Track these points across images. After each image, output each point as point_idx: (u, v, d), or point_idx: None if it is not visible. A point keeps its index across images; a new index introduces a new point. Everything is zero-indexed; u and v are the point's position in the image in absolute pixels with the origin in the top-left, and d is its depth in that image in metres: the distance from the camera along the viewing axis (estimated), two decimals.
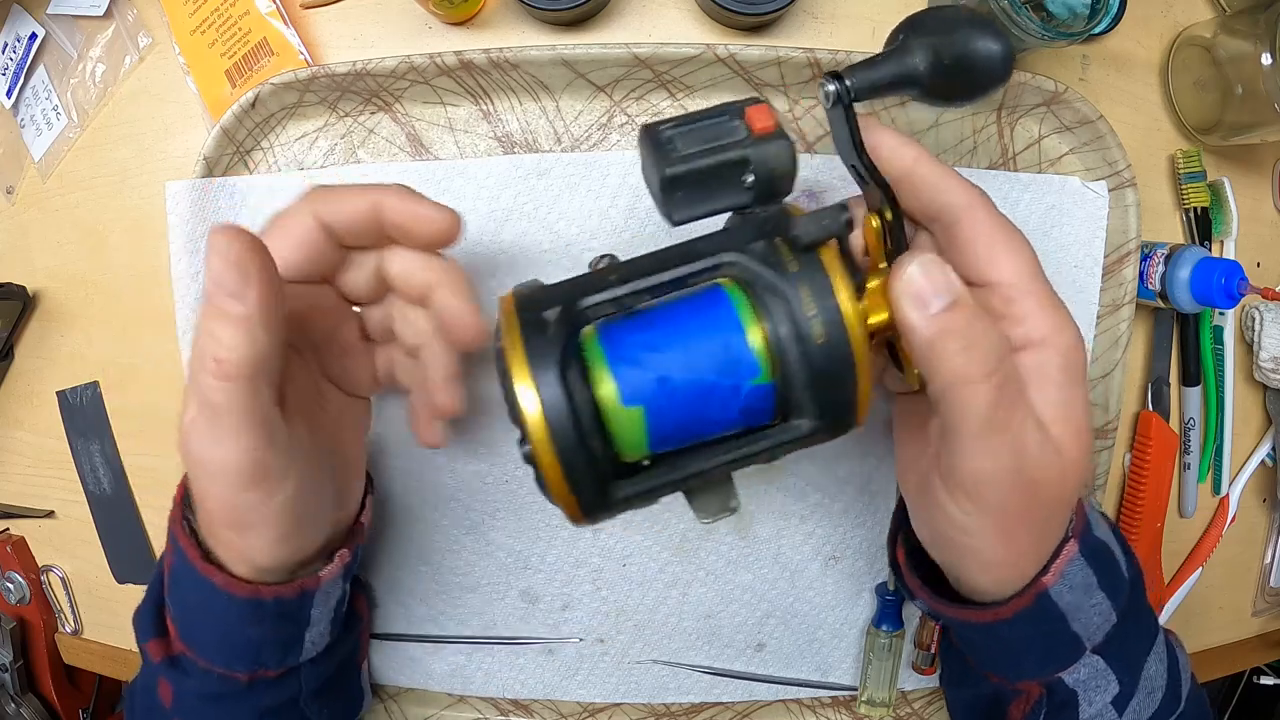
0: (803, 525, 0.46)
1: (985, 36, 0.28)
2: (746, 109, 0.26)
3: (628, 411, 0.24)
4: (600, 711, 0.48)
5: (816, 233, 0.24)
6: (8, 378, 0.52)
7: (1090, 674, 0.31)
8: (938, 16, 0.29)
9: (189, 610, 0.33)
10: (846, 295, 0.24)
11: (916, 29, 0.29)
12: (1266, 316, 0.49)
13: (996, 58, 0.28)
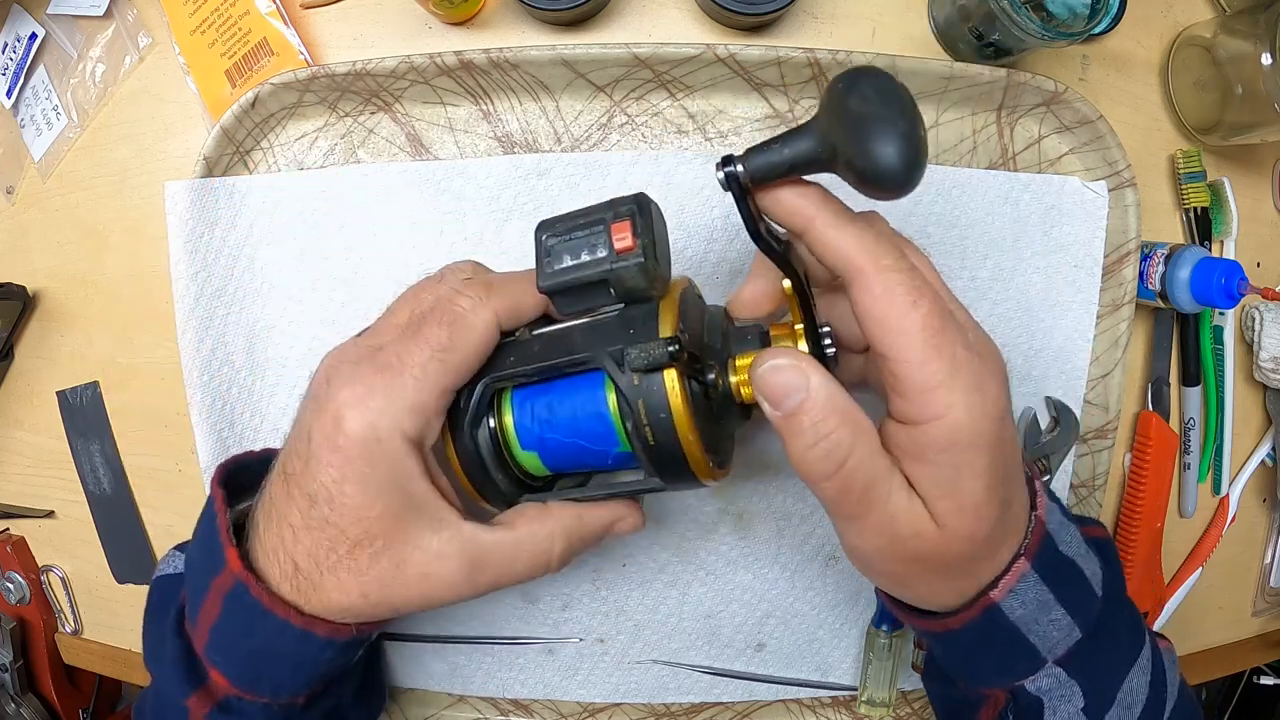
0: (803, 525, 0.46)
1: (888, 140, 0.25)
2: (611, 225, 0.29)
3: (526, 454, 0.32)
4: (600, 711, 0.48)
5: (646, 363, 0.28)
6: (8, 378, 0.52)
7: (1053, 684, 0.31)
8: (861, 95, 0.26)
9: (256, 659, 0.32)
10: (679, 405, 0.28)
11: (833, 107, 0.27)
12: (1266, 316, 0.49)
13: (893, 170, 0.25)
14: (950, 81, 0.42)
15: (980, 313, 0.45)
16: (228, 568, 0.30)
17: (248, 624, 0.31)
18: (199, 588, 0.32)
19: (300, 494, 0.29)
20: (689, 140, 0.44)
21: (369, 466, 0.28)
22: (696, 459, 0.29)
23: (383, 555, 0.30)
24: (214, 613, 0.31)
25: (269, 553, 0.30)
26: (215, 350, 0.45)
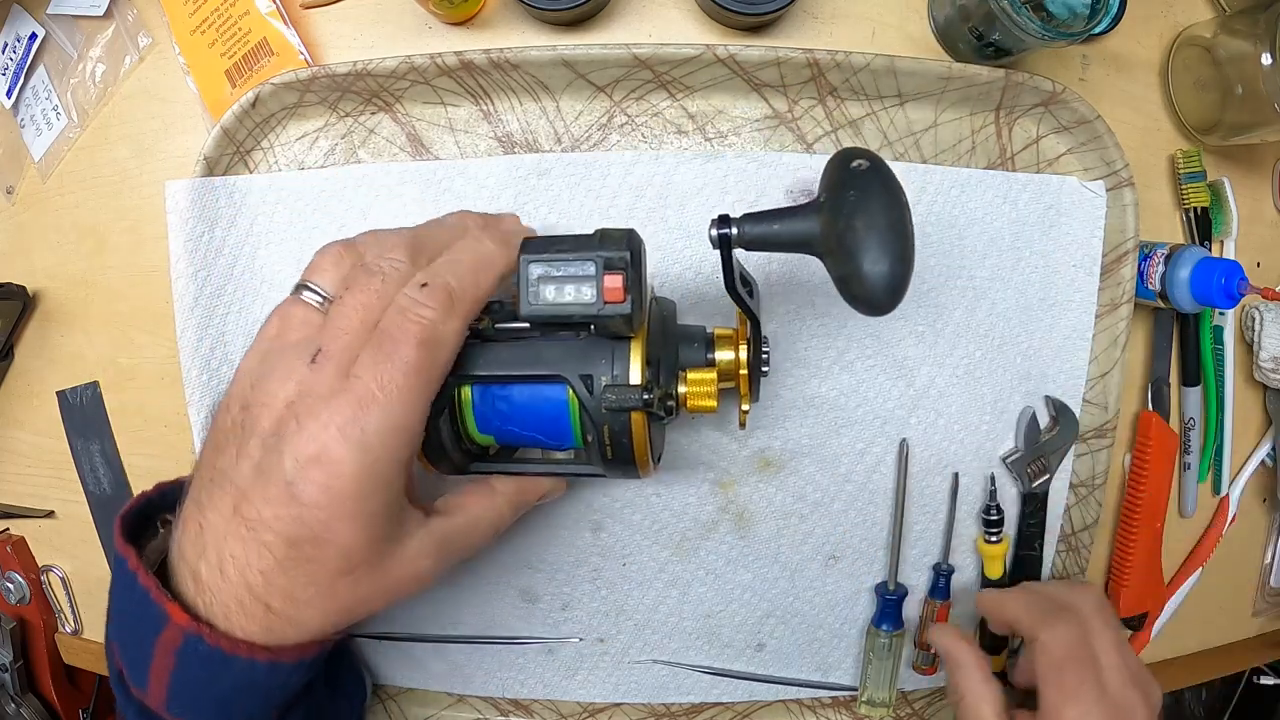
0: (802, 525, 0.46)
1: (879, 275, 0.28)
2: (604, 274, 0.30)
3: (482, 436, 0.35)
4: (600, 712, 0.48)
5: (618, 405, 0.31)
6: (8, 378, 0.52)
7: None
8: (867, 210, 0.29)
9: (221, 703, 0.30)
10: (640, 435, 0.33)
11: (835, 206, 0.29)
12: (1266, 316, 0.49)
13: (876, 302, 0.28)
14: (949, 82, 0.42)
15: (979, 313, 0.45)
16: (172, 623, 0.28)
17: (209, 673, 0.29)
18: (140, 653, 0.30)
19: (275, 539, 0.28)
20: (689, 140, 0.44)
21: (363, 501, 0.28)
22: (644, 464, 0.34)
23: (365, 577, 0.30)
24: (167, 670, 0.29)
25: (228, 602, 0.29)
26: (215, 350, 0.45)
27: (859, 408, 0.45)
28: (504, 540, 0.46)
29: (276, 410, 0.28)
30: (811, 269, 0.44)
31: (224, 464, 0.29)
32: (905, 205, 0.29)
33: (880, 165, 0.30)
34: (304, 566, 0.28)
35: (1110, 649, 0.40)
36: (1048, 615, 0.41)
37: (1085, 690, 0.39)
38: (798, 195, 0.44)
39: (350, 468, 0.27)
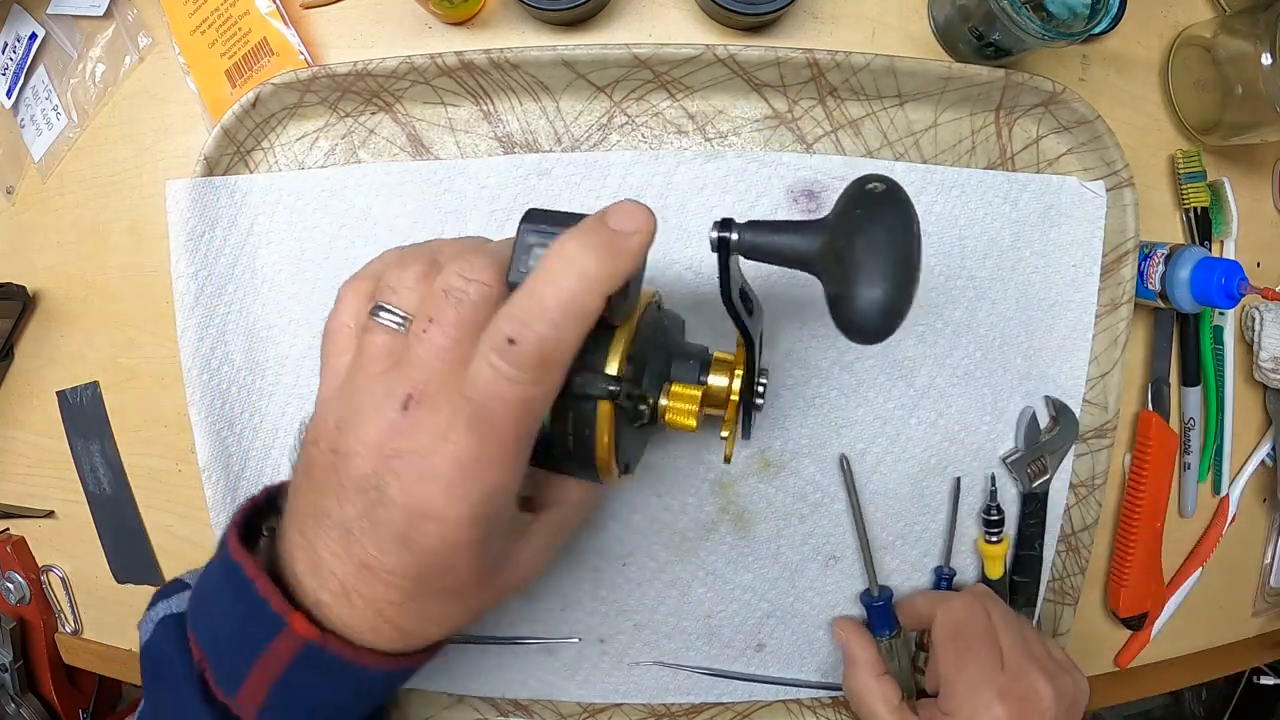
0: (802, 525, 0.46)
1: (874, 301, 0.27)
2: None
3: None
4: (600, 712, 0.48)
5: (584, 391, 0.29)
6: (8, 378, 0.52)
7: None
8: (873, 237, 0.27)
9: (329, 705, 0.30)
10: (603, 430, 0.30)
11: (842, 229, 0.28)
12: (1266, 316, 0.49)
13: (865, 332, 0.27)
14: (949, 82, 0.42)
15: (979, 313, 0.45)
16: (290, 632, 0.28)
17: (324, 679, 0.28)
18: (239, 658, 0.29)
19: (401, 580, 0.27)
20: (689, 140, 0.44)
21: (480, 543, 0.27)
22: (604, 467, 0.32)
23: (490, 584, 0.30)
24: (272, 676, 0.28)
25: (357, 625, 0.28)
26: (215, 350, 0.45)
27: (859, 408, 0.45)
28: None
29: (371, 459, 0.27)
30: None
31: (327, 506, 0.28)
32: (915, 235, 0.27)
33: (896, 190, 0.28)
34: (434, 595, 0.28)
35: (1010, 630, 0.40)
36: (947, 596, 0.43)
37: (979, 660, 0.39)
38: (798, 195, 0.44)
39: (462, 521, 0.26)
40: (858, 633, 0.45)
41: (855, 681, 0.44)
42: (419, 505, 0.26)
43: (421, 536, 0.26)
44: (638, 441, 0.36)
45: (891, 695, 0.42)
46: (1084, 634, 0.51)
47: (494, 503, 0.27)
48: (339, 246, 0.45)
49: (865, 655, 0.44)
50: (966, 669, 0.39)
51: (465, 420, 0.25)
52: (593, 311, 0.26)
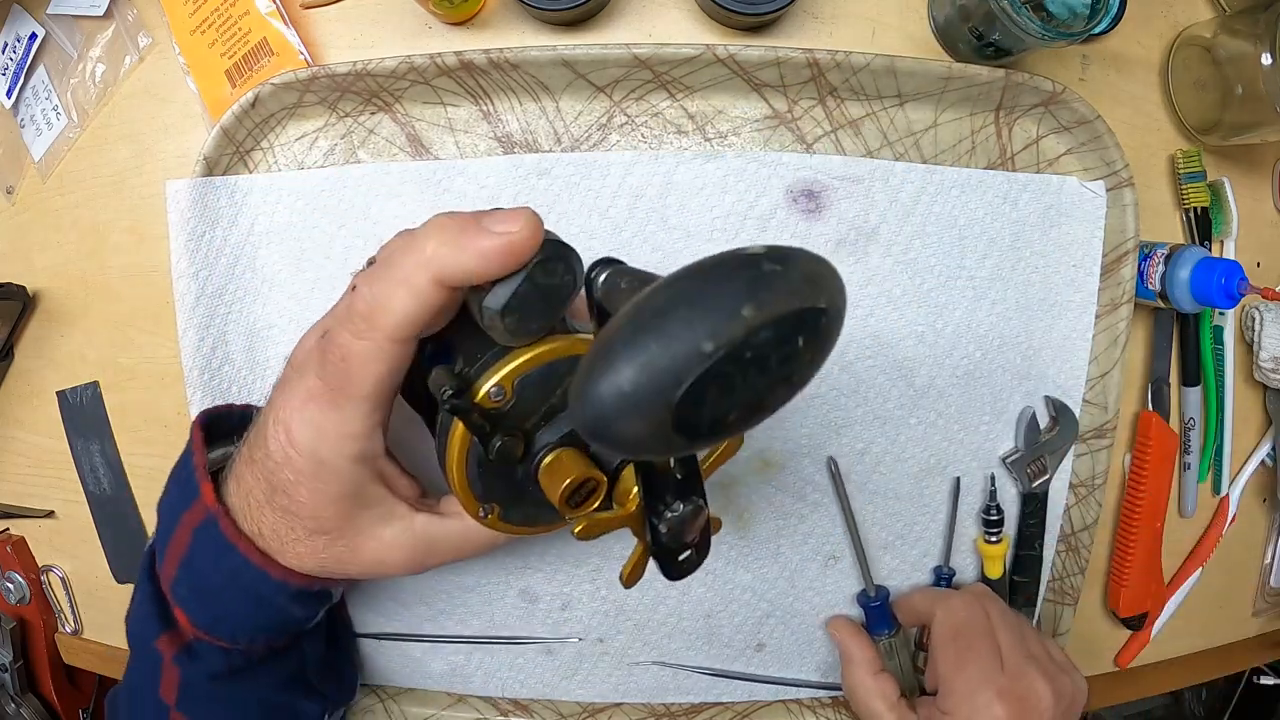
0: (802, 525, 0.46)
1: (613, 362, 0.19)
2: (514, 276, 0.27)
3: None
4: (600, 712, 0.48)
5: (433, 386, 0.28)
6: (8, 378, 0.52)
7: None
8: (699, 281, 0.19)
9: (217, 596, 0.33)
10: (454, 444, 0.29)
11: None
12: (1266, 316, 0.49)
13: (584, 400, 0.19)
14: (949, 82, 0.42)
15: (979, 313, 0.45)
16: (200, 500, 0.33)
17: (213, 557, 0.32)
18: (170, 523, 0.34)
19: (263, 479, 0.31)
20: (689, 140, 0.44)
21: (319, 481, 0.30)
22: (459, 491, 0.30)
23: (337, 542, 0.32)
24: (182, 546, 0.33)
25: (239, 509, 0.33)
26: (215, 350, 0.45)
27: (859, 408, 0.45)
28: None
29: (288, 368, 0.32)
30: None
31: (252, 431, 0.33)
32: (748, 329, 0.18)
33: (792, 278, 0.20)
34: (284, 515, 0.31)
35: (1009, 629, 0.41)
36: (946, 594, 0.43)
37: (978, 660, 0.39)
38: (797, 195, 0.44)
39: (303, 447, 0.30)
40: (853, 632, 0.45)
41: (852, 679, 0.44)
42: (277, 414, 0.30)
43: (270, 439, 0.30)
44: (517, 492, 0.31)
45: (890, 692, 0.42)
46: (1084, 634, 0.51)
47: (327, 441, 0.29)
48: (339, 246, 0.45)
49: (861, 654, 0.44)
50: (966, 668, 0.39)
51: (317, 365, 0.29)
52: (421, 287, 0.27)
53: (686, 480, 0.28)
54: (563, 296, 0.28)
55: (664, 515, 0.28)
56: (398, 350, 0.28)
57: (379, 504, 0.32)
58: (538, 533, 0.33)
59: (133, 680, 0.37)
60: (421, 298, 0.27)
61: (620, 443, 0.20)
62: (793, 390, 0.21)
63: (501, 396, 0.28)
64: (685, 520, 0.28)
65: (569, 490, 0.28)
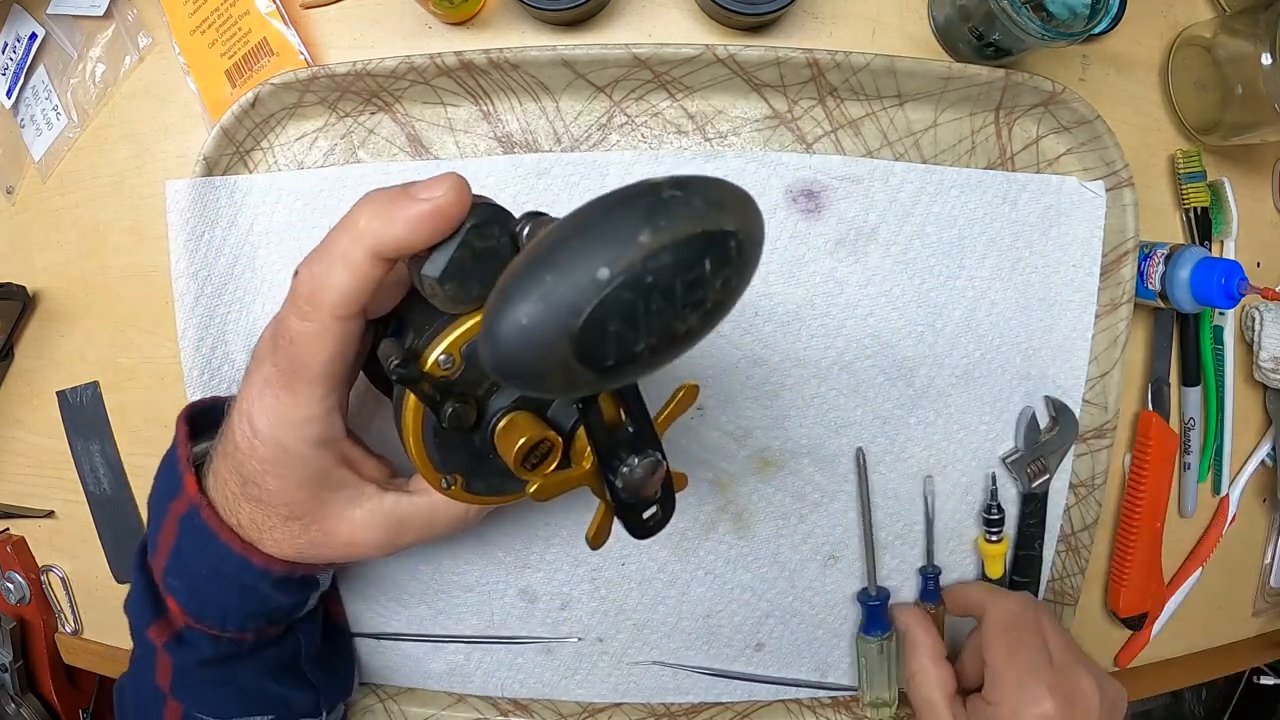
0: (802, 525, 0.46)
1: (517, 297, 0.19)
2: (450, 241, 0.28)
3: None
4: (600, 712, 0.48)
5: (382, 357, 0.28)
6: (8, 378, 0.52)
7: None
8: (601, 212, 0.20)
9: (204, 584, 0.34)
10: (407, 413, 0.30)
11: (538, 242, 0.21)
12: (1266, 316, 0.49)
13: (492, 336, 0.20)
14: (948, 82, 0.42)
15: (979, 313, 0.45)
16: (184, 492, 0.33)
17: (198, 546, 0.33)
18: (159, 514, 0.35)
19: (235, 472, 0.32)
20: (688, 140, 0.44)
21: (283, 469, 0.31)
22: (419, 462, 0.30)
23: (311, 527, 0.33)
24: (171, 536, 0.34)
25: (219, 502, 0.33)
26: (216, 350, 0.45)
27: (858, 408, 0.45)
28: (504, 540, 0.46)
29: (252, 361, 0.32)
30: (811, 268, 0.44)
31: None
32: (646, 254, 0.18)
33: (693, 202, 0.20)
34: (257, 504, 0.32)
35: (1057, 633, 0.41)
36: (1000, 590, 0.43)
37: (1030, 653, 0.39)
38: (797, 195, 0.44)
39: (265, 436, 0.30)
40: (919, 618, 0.45)
41: (914, 665, 0.43)
42: (240, 406, 0.31)
43: (236, 431, 0.31)
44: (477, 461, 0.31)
45: (948, 683, 0.42)
46: (1084, 634, 0.51)
47: (285, 426, 0.30)
48: None
49: (927, 640, 0.44)
50: (1018, 660, 0.39)
51: (270, 353, 0.30)
52: (357, 261, 0.27)
53: (640, 435, 0.28)
54: (500, 259, 0.28)
55: (619, 471, 0.28)
56: (343, 329, 0.28)
57: (346, 487, 0.33)
58: (504, 502, 0.33)
59: (133, 669, 0.38)
60: (358, 272, 0.27)
61: (525, 378, 0.20)
62: (709, 319, 0.21)
63: (450, 364, 0.28)
64: (642, 475, 0.28)
65: (523, 451, 0.28)
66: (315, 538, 0.33)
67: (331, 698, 0.42)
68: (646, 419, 0.28)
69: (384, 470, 0.36)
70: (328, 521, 0.33)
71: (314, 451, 0.31)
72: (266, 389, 0.30)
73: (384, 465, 0.36)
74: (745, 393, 0.45)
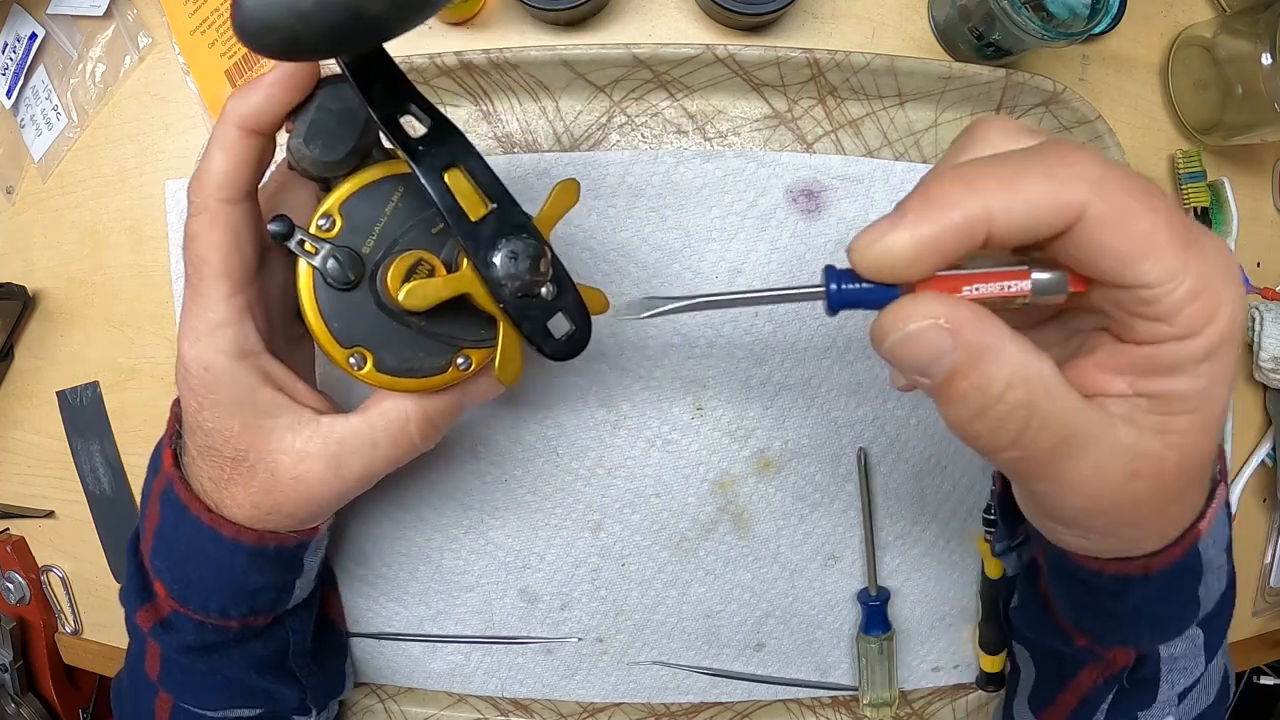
0: (802, 525, 0.46)
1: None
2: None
3: None
4: (600, 712, 0.48)
5: (267, 227, 0.29)
6: (8, 378, 0.52)
7: (1186, 649, 0.30)
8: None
9: (184, 563, 0.34)
10: (301, 284, 0.30)
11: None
12: (1266, 316, 0.49)
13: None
14: (949, 81, 0.42)
15: None
16: (163, 469, 0.34)
17: (177, 522, 0.33)
18: (146, 495, 0.36)
19: (188, 428, 0.32)
20: (688, 140, 0.44)
21: (212, 392, 0.31)
22: (322, 338, 0.30)
23: (258, 467, 0.32)
24: (155, 516, 0.34)
25: (189, 473, 0.34)
26: None
27: (859, 408, 0.45)
28: (504, 540, 0.46)
29: None
30: (812, 268, 0.44)
31: None
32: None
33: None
34: (209, 455, 0.32)
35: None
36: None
37: (1170, 208, 0.22)
38: (797, 195, 0.44)
39: (190, 361, 0.30)
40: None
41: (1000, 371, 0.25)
42: (178, 343, 0.31)
43: (176, 375, 0.31)
44: (380, 330, 0.31)
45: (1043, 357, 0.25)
46: None
47: (201, 340, 0.30)
48: None
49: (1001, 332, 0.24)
50: (1173, 218, 0.22)
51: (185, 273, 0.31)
52: (228, 137, 0.29)
53: (507, 219, 0.28)
54: (358, 117, 0.29)
55: (491, 261, 0.27)
56: (230, 213, 0.29)
57: (280, 411, 0.32)
58: (424, 387, 0.31)
59: (129, 663, 0.38)
60: (231, 149, 0.29)
61: (253, 23, 0.20)
62: None
63: (330, 224, 0.30)
64: (517, 256, 0.27)
65: (402, 270, 0.29)
66: (265, 481, 0.32)
67: (320, 696, 0.42)
68: (509, 199, 0.28)
69: (322, 400, 0.34)
70: (270, 456, 0.32)
71: (233, 365, 0.30)
72: (184, 313, 0.30)
73: (323, 397, 0.35)
74: (745, 393, 0.45)
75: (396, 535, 0.46)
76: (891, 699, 0.47)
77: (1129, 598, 0.28)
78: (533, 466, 0.45)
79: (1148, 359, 0.23)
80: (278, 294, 0.33)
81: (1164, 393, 0.23)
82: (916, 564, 0.47)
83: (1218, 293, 0.22)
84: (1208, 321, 0.22)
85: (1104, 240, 0.21)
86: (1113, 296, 0.23)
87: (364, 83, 0.26)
